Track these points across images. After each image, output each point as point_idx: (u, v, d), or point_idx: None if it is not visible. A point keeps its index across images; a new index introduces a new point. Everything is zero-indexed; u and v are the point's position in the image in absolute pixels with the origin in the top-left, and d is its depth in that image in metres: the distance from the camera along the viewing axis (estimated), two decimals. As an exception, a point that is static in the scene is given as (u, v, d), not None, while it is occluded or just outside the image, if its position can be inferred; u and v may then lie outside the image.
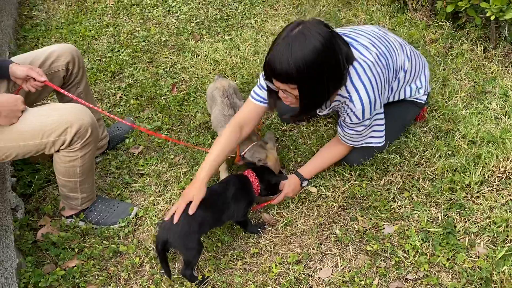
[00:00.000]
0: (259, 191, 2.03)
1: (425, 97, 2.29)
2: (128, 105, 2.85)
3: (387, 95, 2.09)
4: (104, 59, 3.27)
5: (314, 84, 1.75)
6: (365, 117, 1.94)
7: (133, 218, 2.17)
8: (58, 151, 1.93)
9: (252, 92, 2.11)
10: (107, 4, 3.93)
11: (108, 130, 2.56)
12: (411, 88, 2.21)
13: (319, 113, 2.16)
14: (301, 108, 1.87)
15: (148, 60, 3.23)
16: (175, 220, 1.78)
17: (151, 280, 1.93)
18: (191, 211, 1.80)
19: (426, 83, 2.26)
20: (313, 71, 1.70)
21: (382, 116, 2.03)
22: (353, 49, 1.89)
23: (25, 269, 1.94)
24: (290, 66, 1.68)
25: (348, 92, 1.90)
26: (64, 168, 1.98)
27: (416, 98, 2.26)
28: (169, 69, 3.13)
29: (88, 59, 3.27)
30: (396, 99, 2.20)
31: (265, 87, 1.97)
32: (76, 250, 2.06)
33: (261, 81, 2.03)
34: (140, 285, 1.91)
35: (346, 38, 1.89)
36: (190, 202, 1.82)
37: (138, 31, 3.55)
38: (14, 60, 2.07)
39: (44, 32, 3.59)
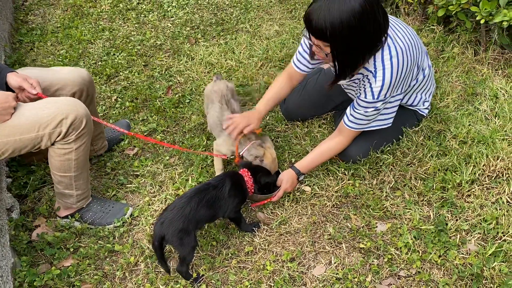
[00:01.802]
0: (252, 190, 2.05)
1: (426, 111, 2.41)
2: (123, 108, 2.87)
3: (404, 90, 2.14)
4: (99, 63, 3.29)
5: (347, 46, 1.79)
6: (379, 97, 1.97)
7: (128, 218, 2.18)
8: (53, 144, 1.94)
9: (294, 57, 2.28)
10: (103, 9, 3.96)
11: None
12: (421, 97, 2.30)
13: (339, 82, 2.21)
14: (336, 72, 1.92)
15: (143, 64, 3.26)
16: (235, 133, 2.14)
17: (146, 279, 1.94)
18: (245, 131, 2.15)
19: (430, 100, 2.38)
20: (347, 32, 1.73)
21: (395, 99, 2.08)
22: (391, 30, 1.95)
23: (20, 268, 1.94)
24: (325, 24, 1.72)
25: (375, 68, 1.94)
26: (59, 161, 1.99)
27: (418, 109, 2.37)
28: (165, 72, 3.15)
29: (84, 63, 3.29)
30: (404, 102, 2.27)
31: (305, 51, 2.19)
32: (72, 249, 2.07)
33: (301, 44, 2.22)
34: (135, 283, 1.93)
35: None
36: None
37: (134, 35, 3.58)
38: (23, 71, 2.07)
39: (39, 37, 3.61)
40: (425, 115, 2.42)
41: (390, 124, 2.18)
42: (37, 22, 3.84)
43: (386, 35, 1.89)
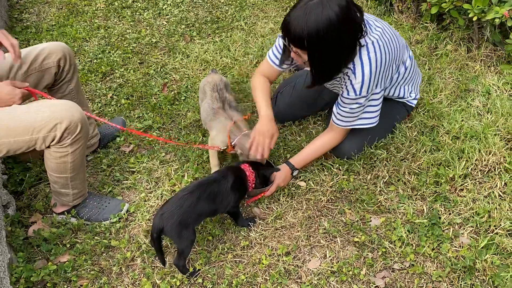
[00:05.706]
0: (253, 185, 2.07)
1: (415, 102, 2.41)
2: (119, 105, 2.88)
3: (387, 84, 2.16)
4: (95, 61, 3.30)
5: (324, 53, 1.84)
6: (362, 93, 1.99)
7: (124, 214, 2.19)
8: (48, 147, 1.95)
9: (269, 51, 2.28)
10: (98, 7, 3.96)
11: (99, 129, 2.59)
12: (405, 90, 2.31)
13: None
14: (313, 77, 1.97)
15: (138, 61, 3.26)
16: (266, 153, 2.09)
17: (142, 274, 1.95)
18: (271, 146, 2.11)
19: (418, 90, 2.40)
20: (324, 41, 1.78)
21: (378, 97, 2.09)
22: (368, 29, 1.97)
23: (16, 264, 1.95)
24: (302, 33, 1.77)
25: (353, 64, 1.96)
26: (55, 164, 2.00)
27: (407, 101, 2.38)
28: (160, 70, 3.16)
29: (79, 61, 3.30)
30: (391, 94, 2.28)
31: (281, 46, 2.12)
32: (68, 245, 2.07)
33: (278, 40, 2.21)
34: (132, 278, 1.94)
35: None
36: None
37: (129, 33, 3.59)
38: (6, 56, 2.08)
39: (34, 35, 3.61)
40: (414, 105, 2.42)
41: (377, 123, 2.18)
42: (32, 20, 3.84)
43: (363, 33, 1.90)
